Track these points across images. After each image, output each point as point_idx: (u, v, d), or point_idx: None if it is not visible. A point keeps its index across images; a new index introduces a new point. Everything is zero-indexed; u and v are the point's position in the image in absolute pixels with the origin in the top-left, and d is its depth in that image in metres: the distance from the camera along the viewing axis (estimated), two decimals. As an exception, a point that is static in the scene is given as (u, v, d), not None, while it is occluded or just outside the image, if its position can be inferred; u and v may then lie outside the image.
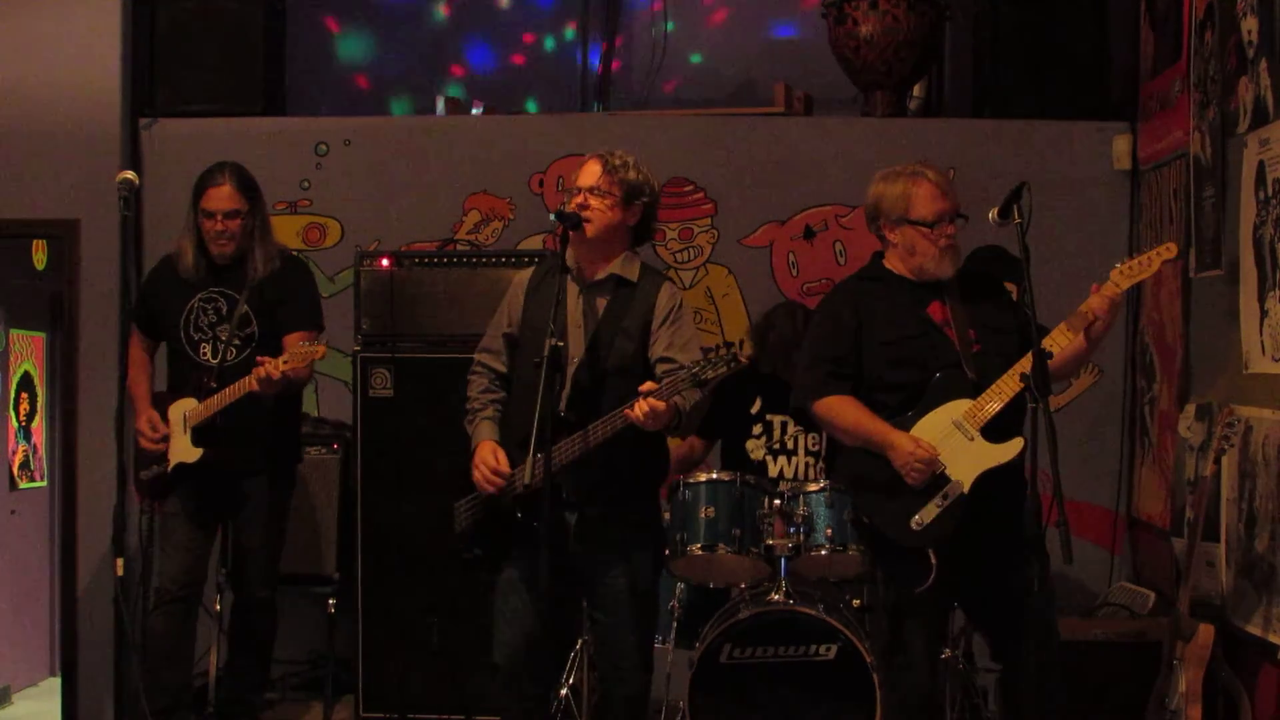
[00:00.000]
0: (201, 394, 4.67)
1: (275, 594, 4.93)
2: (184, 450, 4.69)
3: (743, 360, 3.87)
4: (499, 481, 3.91)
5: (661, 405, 3.72)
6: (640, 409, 3.72)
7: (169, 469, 4.72)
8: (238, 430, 4.66)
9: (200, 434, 4.66)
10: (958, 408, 3.90)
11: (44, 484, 6.81)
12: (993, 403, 3.86)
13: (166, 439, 4.72)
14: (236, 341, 4.72)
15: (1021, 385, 3.78)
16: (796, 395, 4.17)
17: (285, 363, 4.48)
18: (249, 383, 4.53)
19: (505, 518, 3.94)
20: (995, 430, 3.87)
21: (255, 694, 5.03)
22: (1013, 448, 3.86)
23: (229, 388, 4.60)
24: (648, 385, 3.73)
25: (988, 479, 3.87)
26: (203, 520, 4.80)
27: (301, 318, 4.82)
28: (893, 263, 4.09)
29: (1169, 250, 3.92)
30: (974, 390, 3.90)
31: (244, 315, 4.71)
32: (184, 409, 4.71)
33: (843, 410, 4.01)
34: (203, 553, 4.83)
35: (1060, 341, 3.89)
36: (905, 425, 3.93)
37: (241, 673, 4.98)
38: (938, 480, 3.88)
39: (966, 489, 3.87)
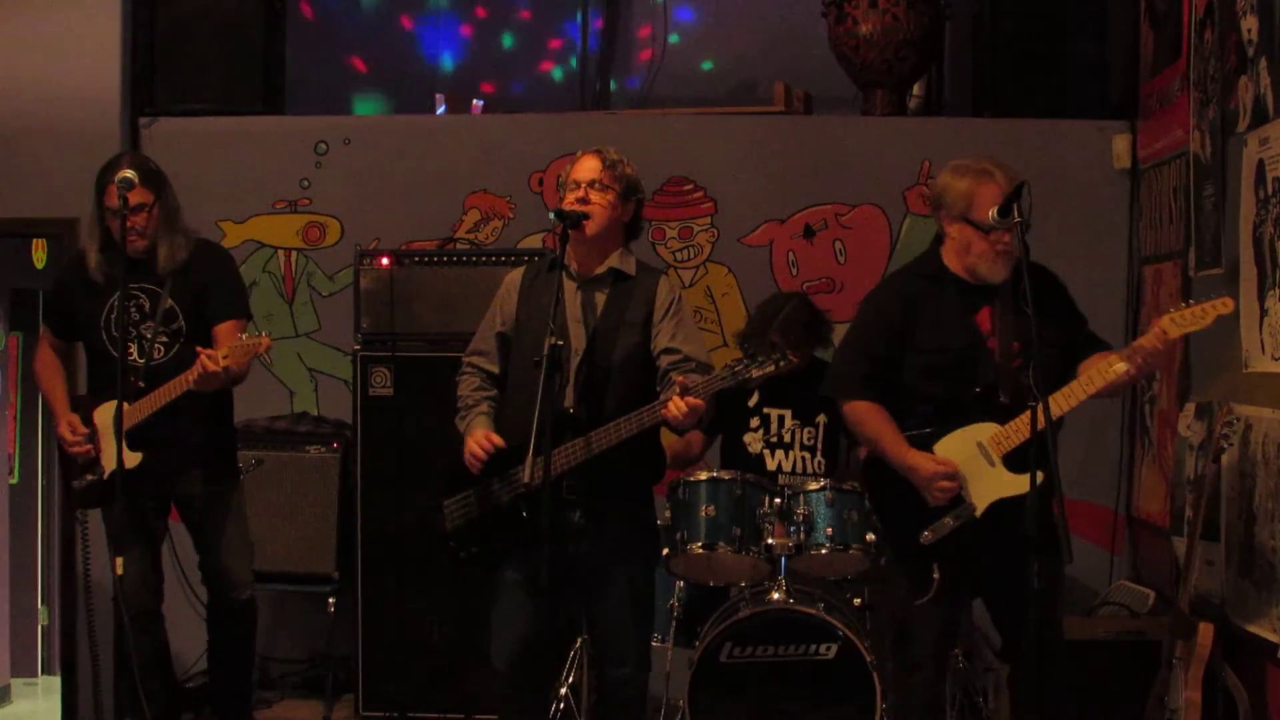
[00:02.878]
0: (131, 396, 4.42)
1: (251, 592, 4.79)
2: (121, 456, 4.37)
3: (793, 360, 3.88)
4: (489, 449, 3.88)
5: (701, 404, 3.71)
6: (678, 407, 3.70)
7: (104, 476, 4.54)
8: (171, 427, 4.47)
9: (135, 437, 4.40)
10: (984, 430, 3.86)
11: (14, 481, 6.80)
12: (1019, 432, 3.79)
13: (91, 440, 4.55)
14: (164, 339, 4.54)
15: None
16: (828, 382, 4.18)
17: (225, 356, 4.27)
18: (186, 380, 4.34)
19: (506, 516, 3.93)
20: (1020, 459, 3.77)
21: (244, 697, 4.90)
22: (1028, 482, 3.69)
23: (164, 387, 4.41)
24: (682, 381, 3.72)
25: (1007, 502, 3.81)
26: (145, 527, 4.64)
27: (228, 306, 4.62)
28: (949, 258, 4.03)
29: (1225, 305, 3.76)
30: (1004, 414, 3.84)
31: (169, 310, 4.54)
32: (111, 413, 4.39)
33: (868, 420, 4.02)
34: (151, 559, 4.69)
35: (1098, 379, 3.81)
36: (928, 440, 3.91)
37: (227, 678, 4.85)
38: (952, 500, 3.88)
39: (978, 514, 3.85)
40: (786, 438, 5.03)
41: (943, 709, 4.38)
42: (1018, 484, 3.75)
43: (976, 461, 3.86)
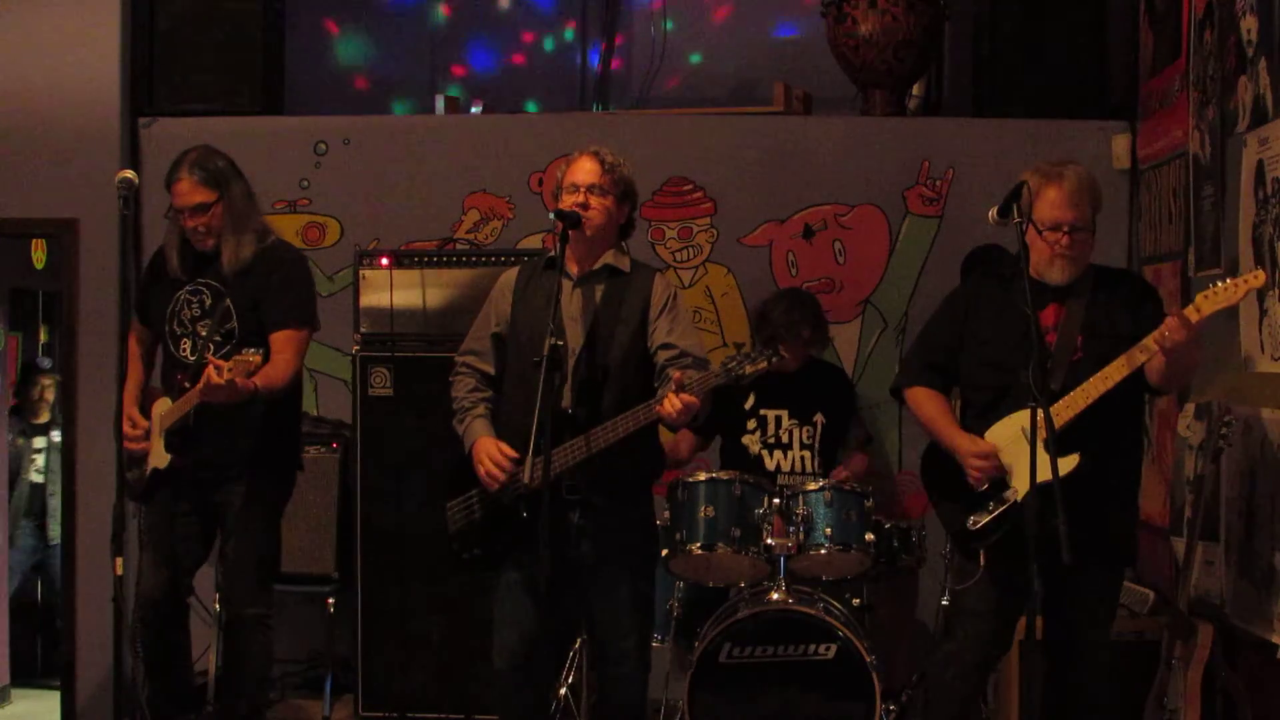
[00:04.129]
0: (174, 394, 4.36)
1: (267, 613, 4.53)
2: (157, 455, 4.39)
3: (785, 357, 3.90)
4: (507, 468, 3.87)
5: (696, 401, 3.71)
6: (673, 404, 3.70)
7: (146, 473, 4.43)
8: (215, 434, 4.33)
9: (172, 438, 4.34)
10: (1028, 416, 3.81)
11: None
12: (1060, 415, 3.77)
13: (148, 435, 4.42)
14: (216, 338, 4.38)
15: (1092, 399, 3.76)
16: (896, 377, 4.31)
17: (229, 369, 4.05)
18: (196, 390, 4.17)
19: (508, 517, 3.93)
20: (1063, 442, 3.72)
21: (248, 713, 4.60)
22: (1068, 463, 3.70)
23: (190, 392, 4.24)
24: (678, 378, 3.72)
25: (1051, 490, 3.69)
26: (186, 528, 4.47)
27: (286, 313, 4.41)
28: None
29: (1256, 279, 3.68)
30: (1052, 399, 3.80)
31: (225, 310, 4.38)
32: (161, 409, 4.42)
33: (923, 404, 4.14)
34: (186, 562, 4.50)
35: (1098, 386, 3.80)
36: (982, 428, 3.97)
37: (234, 698, 4.61)
38: (997, 485, 3.91)
39: (1020, 497, 3.84)
40: (785, 438, 5.04)
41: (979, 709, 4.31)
42: (1060, 466, 3.66)
43: (1020, 445, 3.85)
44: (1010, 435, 3.90)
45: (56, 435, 6.88)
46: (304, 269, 4.59)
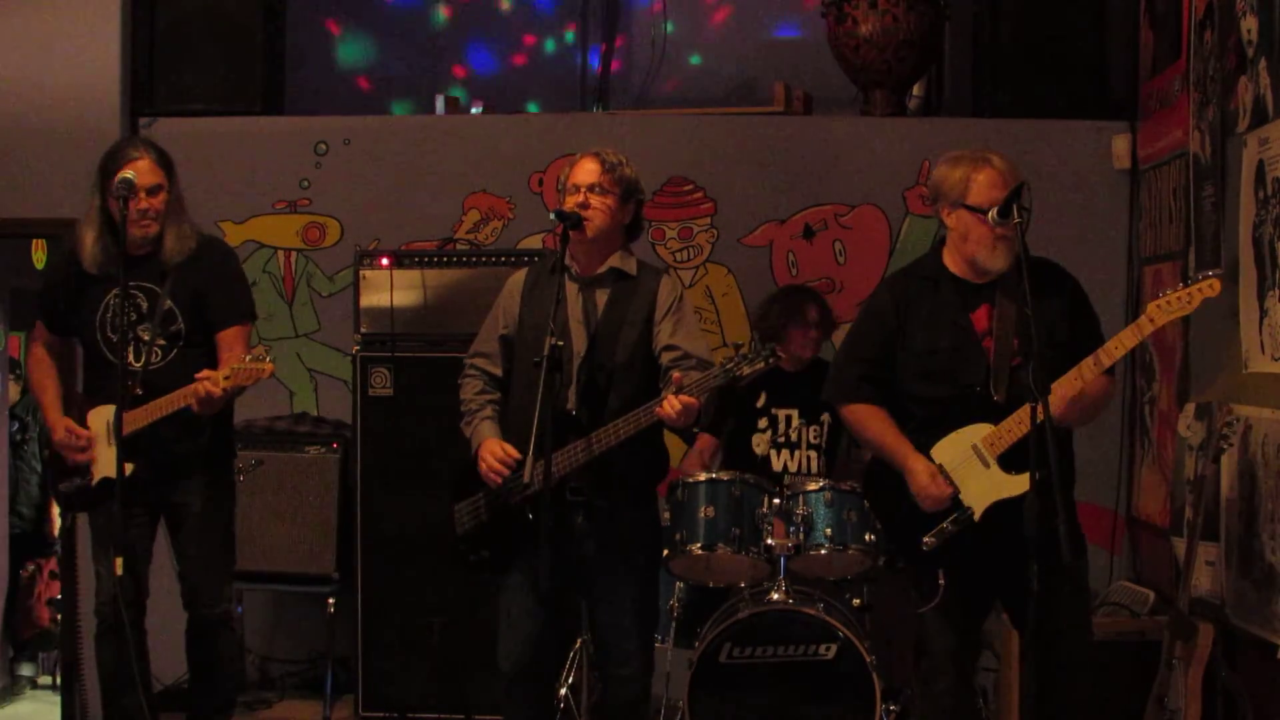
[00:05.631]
0: (127, 403, 4.11)
1: (229, 610, 4.47)
2: (110, 464, 4.13)
3: (782, 357, 3.88)
4: (509, 464, 3.87)
5: (695, 402, 3.71)
6: (672, 405, 3.70)
7: (93, 482, 4.27)
8: (169, 437, 4.21)
9: (130, 446, 4.09)
10: (977, 432, 3.79)
11: None
12: (1012, 431, 3.72)
13: (90, 445, 4.27)
14: (161, 342, 4.25)
15: (1078, 389, 3.68)
16: (828, 389, 4.11)
17: (226, 379, 4.02)
18: (185, 398, 4.10)
19: (514, 519, 3.93)
20: (1016, 459, 3.70)
21: (220, 712, 4.53)
22: (1021, 483, 3.61)
23: (161, 400, 4.14)
24: (677, 379, 3.72)
25: (1007, 503, 3.71)
26: (139, 530, 4.33)
27: (231, 310, 4.34)
28: (950, 256, 3.93)
29: (1211, 288, 3.65)
30: (999, 414, 3.76)
31: (168, 312, 4.25)
32: (106, 417, 4.19)
33: (868, 422, 3.95)
34: (142, 565, 4.35)
35: (1085, 375, 3.73)
36: (926, 445, 3.85)
37: (200, 693, 4.50)
38: (951, 503, 3.82)
39: (977, 517, 3.78)
40: (794, 437, 5.04)
41: (978, 714, 4.27)
42: (1015, 484, 3.67)
43: (972, 464, 3.79)
44: (959, 452, 3.80)
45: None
46: (238, 262, 4.60)
